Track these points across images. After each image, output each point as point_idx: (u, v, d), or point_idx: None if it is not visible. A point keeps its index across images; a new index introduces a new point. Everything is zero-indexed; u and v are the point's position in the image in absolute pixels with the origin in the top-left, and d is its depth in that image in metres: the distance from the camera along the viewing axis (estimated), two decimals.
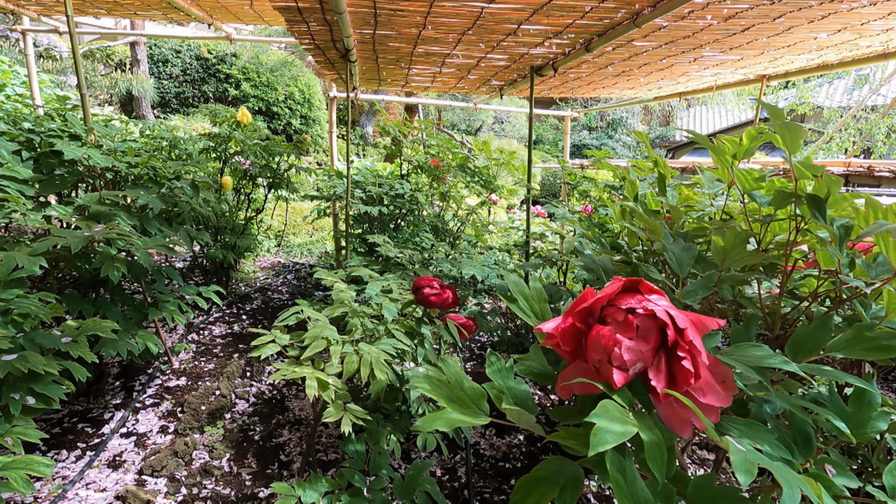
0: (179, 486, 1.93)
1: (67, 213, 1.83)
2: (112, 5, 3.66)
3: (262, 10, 3.74)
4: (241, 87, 10.97)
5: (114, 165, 2.05)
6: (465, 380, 0.83)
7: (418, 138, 3.91)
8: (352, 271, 2.46)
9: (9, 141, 1.99)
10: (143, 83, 7.02)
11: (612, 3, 1.81)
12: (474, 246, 3.58)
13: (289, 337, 1.41)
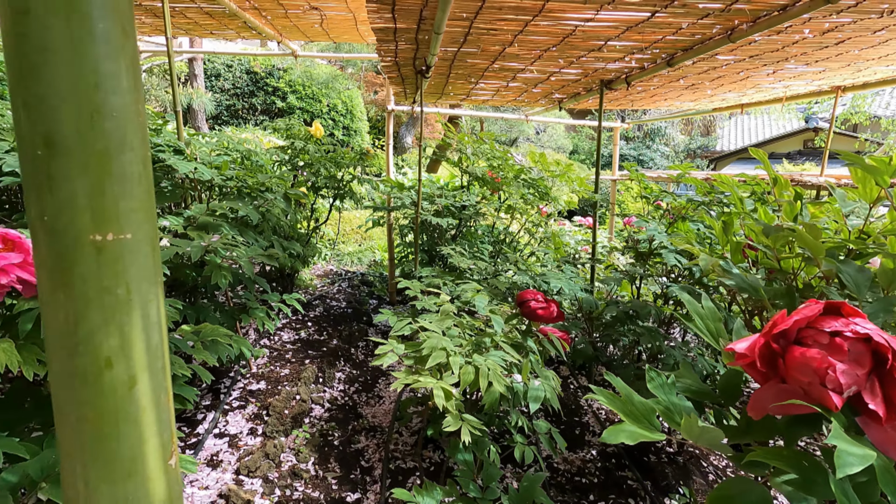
0: (273, 487, 2.00)
1: (179, 224, 1.94)
2: (193, 25, 3.88)
3: (329, 27, 3.88)
4: (287, 100, 11.35)
5: (213, 178, 2.16)
6: (633, 395, 0.85)
7: (477, 149, 3.96)
8: (429, 281, 2.51)
9: None
10: (202, 97, 7.37)
11: (711, 20, 1.81)
12: (528, 258, 3.58)
13: (404, 347, 1.46)
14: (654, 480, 2.37)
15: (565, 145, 16.87)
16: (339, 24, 3.75)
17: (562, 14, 1.75)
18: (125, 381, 0.35)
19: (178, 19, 3.74)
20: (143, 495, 0.37)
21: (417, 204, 2.90)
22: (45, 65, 0.30)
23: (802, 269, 1.17)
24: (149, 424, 0.36)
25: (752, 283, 0.96)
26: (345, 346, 3.49)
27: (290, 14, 3.53)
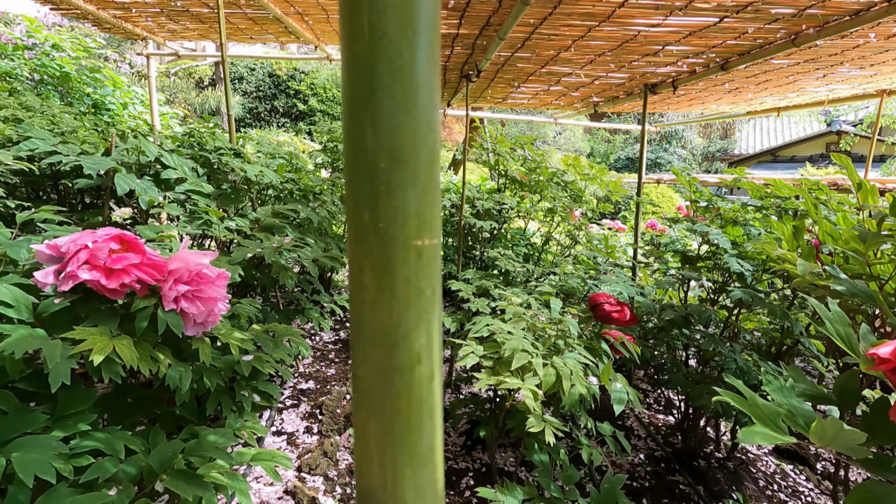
0: (334, 485, 2.03)
1: (246, 225, 1.98)
2: (234, 30, 3.95)
3: None
4: (308, 103, 11.47)
5: (273, 181, 2.20)
6: (757, 398, 0.86)
7: (513, 153, 3.97)
8: (478, 284, 2.53)
9: (187, 158, 2.18)
10: (231, 100, 7.48)
11: (778, 24, 1.81)
12: (566, 261, 3.58)
13: (483, 348, 1.48)
14: (705, 485, 2.36)
15: (582, 147, 16.81)
16: None
17: (629, 19, 1.76)
18: (428, 377, 0.37)
19: (225, 27, 3.81)
20: (433, 482, 0.39)
21: (461, 207, 2.92)
22: (395, 83, 0.33)
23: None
24: (439, 417, 0.39)
25: (863, 289, 0.97)
26: None
27: (332, 19, 3.58)
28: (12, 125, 2.60)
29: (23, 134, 2.03)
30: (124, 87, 4.77)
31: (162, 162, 2.03)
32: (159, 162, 2.04)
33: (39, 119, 2.70)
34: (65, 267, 1.03)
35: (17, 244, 1.13)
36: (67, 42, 4.77)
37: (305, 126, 11.45)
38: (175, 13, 3.54)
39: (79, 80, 4.38)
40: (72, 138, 2.49)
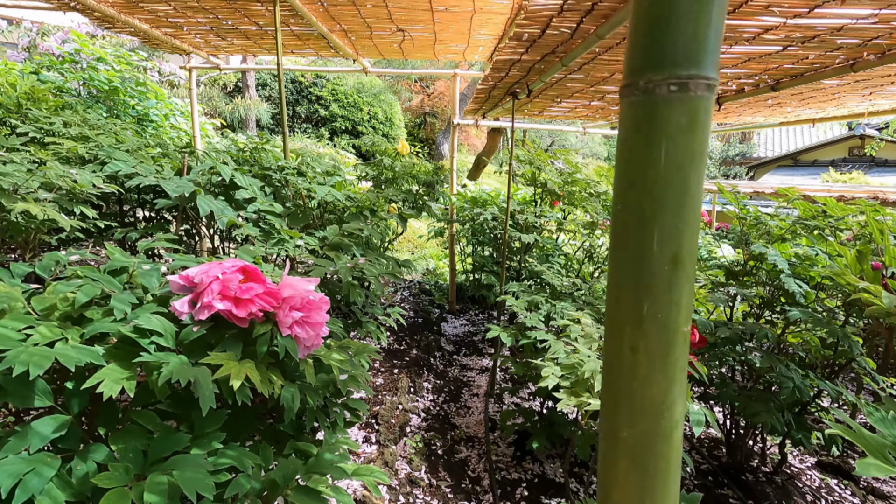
0: (397, 494, 2.11)
1: (316, 244, 2.07)
2: (274, 43, 4.05)
3: (406, 47, 4.02)
4: (330, 108, 11.63)
5: (336, 200, 2.29)
6: (863, 430, 0.92)
7: (548, 164, 4.02)
8: (529, 298, 2.59)
9: (252, 177, 2.28)
10: (259, 107, 7.63)
11: (839, 52, 1.86)
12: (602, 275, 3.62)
13: (560, 369, 1.54)
14: (755, 500, 2.39)
15: (600, 152, 16.77)
16: (418, 45, 3.88)
17: None
18: (679, 439, 0.44)
19: (265, 40, 3.93)
20: None
21: (506, 220, 2.99)
22: (681, 204, 0.40)
23: None
24: (679, 468, 0.46)
25: None
26: (424, 356, 3.60)
27: (375, 35, 3.68)
28: (82, 143, 2.72)
29: (106, 156, 2.14)
30: (165, 99, 4.92)
31: (234, 183, 2.13)
32: (232, 183, 2.13)
33: (105, 137, 2.82)
34: (200, 297, 1.12)
35: (149, 273, 1.22)
36: (111, 55, 4.93)
37: (326, 131, 11.60)
38: (224, 31, 3.66)
39: (125, 93, 4.53)
40: (139, 156, 2.60)
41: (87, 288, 1.07)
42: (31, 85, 3.94)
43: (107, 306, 1.12)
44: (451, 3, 2.90)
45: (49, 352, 0.92)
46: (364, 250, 2.28)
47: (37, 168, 1.92)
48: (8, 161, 1.74)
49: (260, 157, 3.10)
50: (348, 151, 11.33)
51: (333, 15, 3.24)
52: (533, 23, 1.57)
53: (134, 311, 1.11)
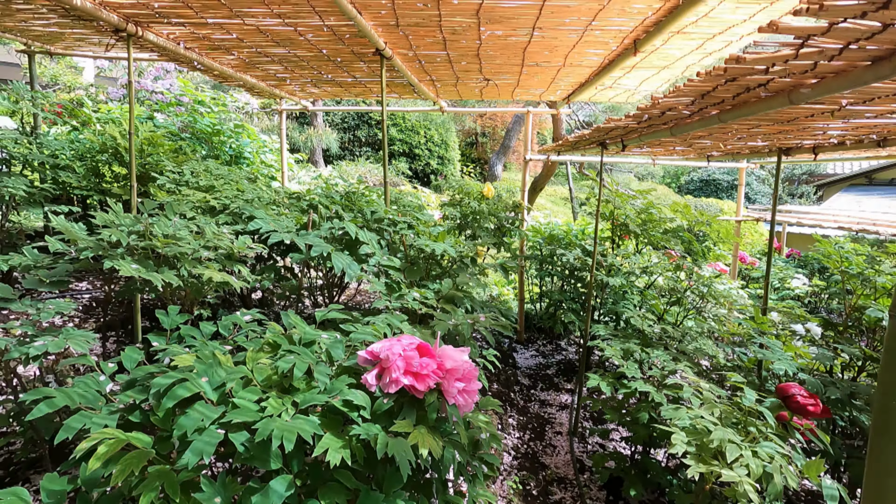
0: None
1: (432, 297, 2.25)
2: (365, 91, 4.36)
3: (487, 92, 4.22)
4: (388, 133, 12.09)
5: (446, 251, 2.47)
6: None
7: (625, 200, 4.06)
8: (626, 347, 2.66)
9: (368, 231, 2.49)
10: (329, 137, 8.08)
11: None
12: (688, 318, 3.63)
13: (686, 437, 1.63)
14: None
15: (655, 171, 16.45)
16: (498, 89, 4.06)
17: (811, 122, 1.88)
18: None
19: (356, 88, 4.23)
20: None
21: (592, 261, 3.08)
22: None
23: None
24: None
25: None
26: (505, 391, 3.72)
27: (460, 83, 3.89)
28: (209, 193, 3.05)
29: (247, 213, 2.41)
30: (257, 137, 5.35)
31: (357, 239, 2.34)
32: (356, 239, 2.35)
33: (230, 187, 3.14)
34: (387, 372, 1.30)
35: (336, 345, 1.41)
36: (209, 98, 5.41)
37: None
38: (322, 82, 3.98)
39: (223, 134, 4.96)
40: (258, 204, 2.89)
41: (299, 363, 1.27)
42: (149, 130, 4.41)
43: (298, 374, 1.31)
44: (542, 59, 3.06)
45: (292, 426, 1.11)
46: (471, 300, 2.44)
47: (188, 223, 2.21)
48: (182, 226, 2.02)
49: (359, 200, 3.35)
50: (405, 173, 11.69)
51: (427, 70, 3.47)
52: (658, 109, 1.69)
53: (332, 382, 1.30)
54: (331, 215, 2.67)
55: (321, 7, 2.29)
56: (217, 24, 2.59)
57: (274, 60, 3.31)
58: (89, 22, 2.64)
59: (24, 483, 2.03)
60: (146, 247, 1.78)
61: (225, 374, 1.25)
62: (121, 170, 4.17)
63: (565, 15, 2.27)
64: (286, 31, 2.68)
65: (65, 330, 1.60)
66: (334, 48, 2.99)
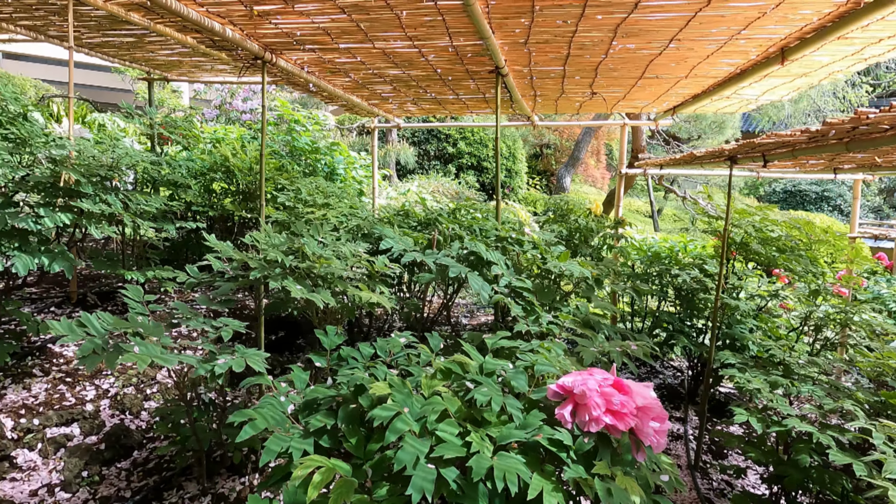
0: None
1: (570, 321, 2.17)
2: (461, 107, 4.38)
3: (585, 105, 4.12)
4: (457, 146, 12.18)
5: (572, 272, 2.38)
6: None
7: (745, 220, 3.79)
8: (773, 380, 2.45)
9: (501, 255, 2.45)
10: (407, 151, 8.23)
11: None
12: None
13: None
14: None
15: (735, 182, 15.51)
16: (605, 103, 3.95)
17: None
18: None
19: (455, 105, 4.26)
20: None
21: (719, 281, 2.87)
22: None
23: None
24: None
25: None
26: None
27: (563, 98, 3.82)
28: (326, 210, 3.13)
29: (377, 233, 2.44)
30: (348, 154, 5.52)
31: (490, 259, 2.31)
32: (487, 261, 2.32)
33: (344, 204, 3.23)
34: (586, 409, 1.23)
35: (517, 375, 1.37)
36: (305, 117, 5.66)
37: (453, 167, 12.11)
38: (423, 100, 4.04)
39: (320, 151, 5.16)
40: (373, 221, 2.93)
41: (495, 396, 1.23)
42: (255, 149, 4.65)
43: (495, 408, 1.27)
44: (664, 71, 2.93)
45: (508, 466, 1.06)
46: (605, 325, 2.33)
47: (334, 243, 2.26)
48: (329, 244, 2.07)
49: (464, 217, 3.34)
50: (474, 187, 11.71)
51: (534, 85, 3.43)
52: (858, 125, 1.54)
53: (526, 417, 1.25)
54: (452, 234, 2.66)
55: (455, 28, 2.30)
56: (347, 48, 2.67)
57: (386, 81, 3.39)
58: (229, 52, 2.81)
59: (177, 490, 2.14)
60: (307, 268, 1.82)
61: (419, 404, 1.23)
62: (230, 186, 4.41)
63: (714, 25, 2.15)
64: (409, 52, 2.72)
65: (239, 348, 1.66)
66: (449, 67, 3.01)
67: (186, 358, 1.50)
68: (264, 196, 2.89)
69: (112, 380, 2.69)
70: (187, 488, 2.13)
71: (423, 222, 3.40)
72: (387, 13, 2.15)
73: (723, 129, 9.72)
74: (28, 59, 11.40)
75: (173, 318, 1.81)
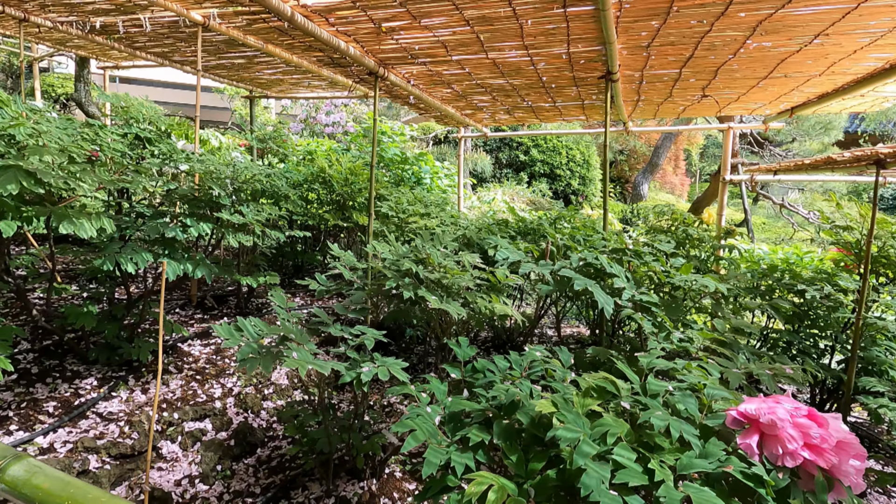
0: None
1: (702, 338, 2.03)
2: (556, 114, 4.31)
3: (692, 109, 3.90)
4: (529, 153, 12.04)
5: (700, 285, 2.22)
6: None
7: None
8: None
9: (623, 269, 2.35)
10: (485, 160, 8.24)
11: None
12: None
13: None
14: None
15: (835, 187, 14.17)
16: (718, 105, 3.72)
17: None
18: None
19: (549, 113, 4.19)
20: None
21: (861, 300, 2.58)
22: None
23: None
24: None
25: None
26: None
27: (668, 102, 3.64)
28: (427, 219, 3.16)
29: (491, 244, 2.43)
30: (433, 164, 5.61)
31: (612, 272, 2.21)
32: (610, 273, 2.23)
33: (445, 213, 3.25)
34: (776, 441, 1.12)
35: (686, 399, 1.28)
36: (392, 128, 5.81)
37: (525, 175, 11.97)
38: (519, 108, 4.01)
39: (408, 162, 5.27)
40: (476, 229, 2.90)
41: (673, 423, 1.15)
42: (349, 160, 4.82)
43: (674, 434, 1.19)
44: (796, 69, 2.70)
45: (706, 500, 0.99)
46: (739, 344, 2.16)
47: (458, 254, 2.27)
48: (449, 254, 2.07)
49: (561, 226, 3.25)
50: (547, 195, 11.50)
51: (640, 90, 3.29)
52: None
53: (705, 446, 1.16)
54: (562, 245, 2.59)
55: (577, 34, 2.25)
56: (458, 60, 2.69)
57: (486, 91, 3.40)
58: (343, 68, 2.93)
59: (302, 490, 2.22)
60: (437, 279, 1.83)
61: (586, 425, 1.18)
62: (326, 196, 4.59)
63: (875, 16, 1.94)
64: (519, 61, 2.70)
65: (377, 357, 1.70)
66: (556, 74, 2.95)
67: (337, 365, 1.55)
68: (373, 206, 2.97)
69: (234, 379, 2.86)
70: (311, 489, 2.20)
71: (522, 232, 3.35)
72: (510, 23, 2.14)
73: (828, 131, 8.91)
74: (136, 82, 12.66)
75: (311, 324, 1.88)
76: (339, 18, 2.17)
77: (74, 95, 7.34)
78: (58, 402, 2.30)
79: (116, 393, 2.46)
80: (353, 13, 2.11)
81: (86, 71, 7.17)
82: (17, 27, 4.14)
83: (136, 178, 2.17)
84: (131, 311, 2.70)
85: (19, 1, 3.37)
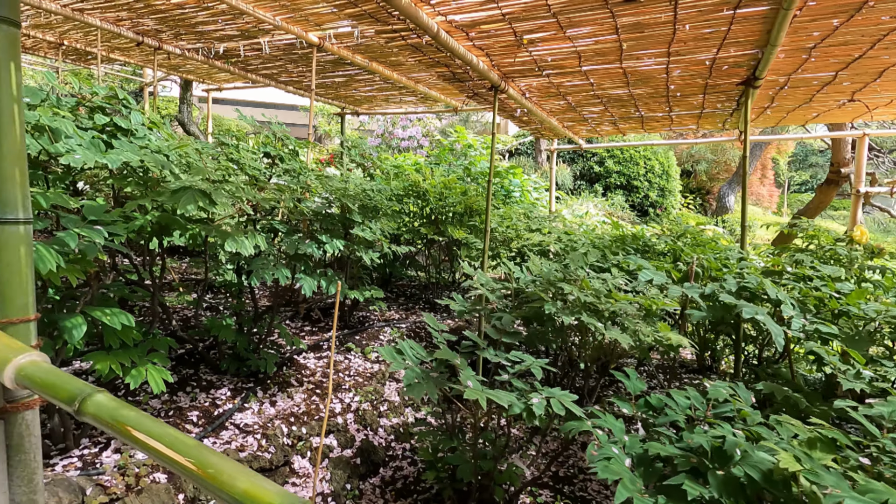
0: None
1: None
2: (659, 125, 4.08)
3: (831, 114, 3.56)
4: (604, 165, 11.63)
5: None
6: None
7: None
8: None
9: None
10: (564, 172, 8.04)
11: None
12: None
13: None
14: None
15: None
16: (867, 110, 3.37)
17: None
18: None
19: (655, 123, 3.97)
20: None
21: None
22: None
23: None
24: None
25: None
26: None
27: (803, 107, 3.33)
28: (541, 235, 3.04)
29: (636, 266, 2.27)
30: (522, 177, 5.51)
31: (778, 298, 1.99)
32: (776, 301, 2.01)
33: (557, 229, 3.12)
34: None
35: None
36: (479, 142, 5.77)
37: (600, 187, 11.59)
38: (626, 119, 3.83)
39: (500, 175, 5.20)
40: (586, 244, 2.74)
41: None
42: (442, 174, 4.81)
43: None
44: None
45: None
46: None
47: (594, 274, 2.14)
48: (592, 275, 1.95)
49: (684, 243, 3.02)
50: (625, 207, 11.05)
51: (775, 96, 3.02)
52: None
53: None
54: (702, 265, 2.39)
55: (733, 38, 2.07)
56: (586, 71, 2.58)
57: (601, 101, 3.25)
58: (461, 83, 2.90)
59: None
60: (592, 304, 1.71)
61: (846, 489, 1.01)
62: (421, 210, 4.59)
63: None
64: (653, 70, 2.55)
65: (538, 386, 1.60)
66: (686, 83, 2.77)
67: (507, 396, 1.46)
68: (489, 222, 2.89)
69: (351, 394, 2.87)
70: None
71: (639, 250, 3.16)
72: (663, 30, 2.00)
73: None
74: (224, 102, 13.56)
75: (464, 348, 1.81)
76: (480, 33, 2.13)
77: (178, 116, 7.93)
78: (199, 411, 2.38)
79: (248, 405, 2.52)
80: (496, 27, 2.06)
81: (188, 93, 7.73)
82: (141, 55, 4.49)
83: (278, 196, 2.23)
84: (257, 323, 2.78)
85: (156, 31, 3.64)
